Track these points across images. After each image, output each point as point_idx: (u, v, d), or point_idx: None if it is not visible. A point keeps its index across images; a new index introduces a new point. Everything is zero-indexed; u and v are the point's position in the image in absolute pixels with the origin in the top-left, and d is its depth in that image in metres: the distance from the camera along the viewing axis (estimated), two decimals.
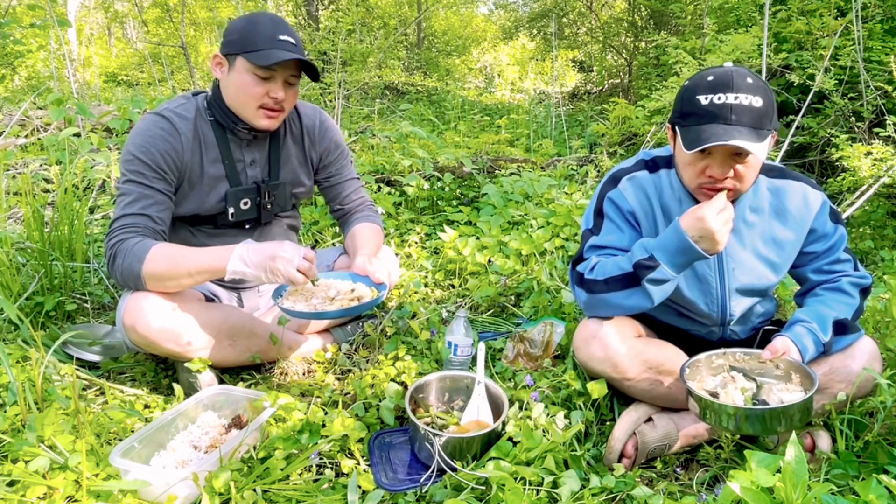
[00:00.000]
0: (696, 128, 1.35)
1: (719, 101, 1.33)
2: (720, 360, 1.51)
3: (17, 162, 3.67)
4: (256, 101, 1.72)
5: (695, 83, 1.39)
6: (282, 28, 1.71)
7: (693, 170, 1.41)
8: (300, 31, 8.78)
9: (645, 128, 4.70)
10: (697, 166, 1.40)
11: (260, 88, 1.71)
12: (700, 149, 1.32)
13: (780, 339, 1.44)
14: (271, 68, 1.68)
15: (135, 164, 1.69)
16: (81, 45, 10.03)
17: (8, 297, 2.08)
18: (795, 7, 4.08)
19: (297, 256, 1.56)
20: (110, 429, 1.53)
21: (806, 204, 1.53)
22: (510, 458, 1.40)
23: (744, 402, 1.37)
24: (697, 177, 1.41)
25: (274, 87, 1.72)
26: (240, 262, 1.58)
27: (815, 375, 1.36)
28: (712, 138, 1.30)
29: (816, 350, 1.45)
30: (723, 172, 1.37)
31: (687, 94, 1.39)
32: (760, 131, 1.33)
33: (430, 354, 2.00)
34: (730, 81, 1.33)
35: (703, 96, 1.34)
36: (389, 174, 3.75)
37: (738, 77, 1.34)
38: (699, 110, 1.34)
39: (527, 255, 2.76)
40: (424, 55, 11.45)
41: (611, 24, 9.79)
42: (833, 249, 1.57)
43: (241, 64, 1.70)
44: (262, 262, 1.57)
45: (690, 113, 1.37)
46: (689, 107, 1.37)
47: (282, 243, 1.59)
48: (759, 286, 1.57)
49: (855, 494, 1.14)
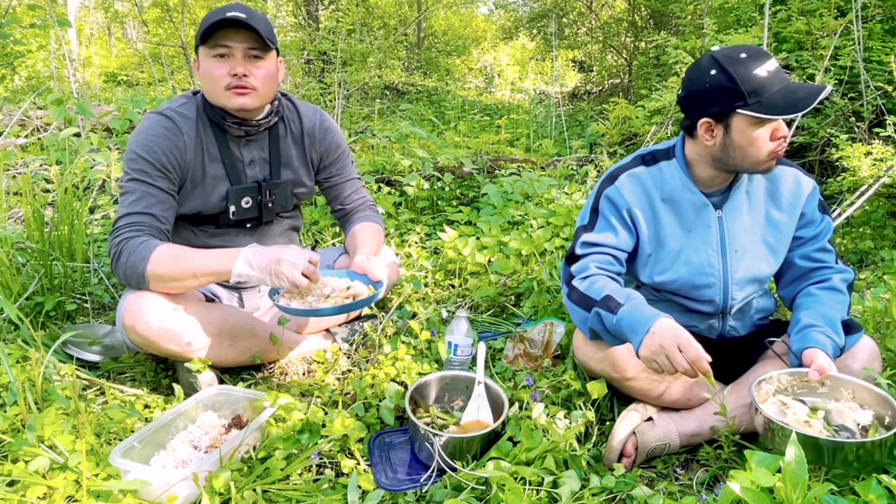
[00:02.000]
0: (772, 95, 1.38)
1: (774, 68, 1.40)
2: (767, 386, 1.42)
3: (17, 162, 3.67)
4: (221, 81, 1.72)
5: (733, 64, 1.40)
6: (233, 7, 1.70)
7: (765, 140, 1.43)
8: (300, 31, 8.78)
9: (645, 128, 4.70)
10: (769, 134, 1.42)
11: (220, 69, 1.71)
12: (807, 110, 1.36)
13: (819, 356, 1.38)
14: (221, 44, 1.68)
15: (138, 163, 1.69)
16: (81, 45, 10.03)
17: (8, 297, 2.08)
18: (795, 7, 4.08)
19: (302, 260, 1.57)
20: (110, 429, 1.53)
21: (798, 186, 1.58)
22: (510, 458, 1.40)
23: (823, 431, 1.28)
24: (770, 144, 1.44)
25: (233, 63, 1.71)
26: (245, 265, 1.59)
27: (891, 399, 1.29)
28: (810, 93, 1.37)
29: (835, 356, 1.43)
30: (787, 129, 1.44)
31: (740, 75, 1.39)
32: None
33: (430, 354, 2.00)
34: (759, 50, 1.42)
35: (759, 68, 1.39)
36: (389, 174, 3.75)
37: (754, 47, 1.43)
38: (765, 81, 1.39)
39: (527, 255, 2.76)
40: (424, 55, 11.45)
41: (611, 24, 9.79)
42: (819, 237, 1.61)
43: (201, 53, 1.73)
44: (267, 265, 1.57)
45: (756, 88, 1.38)
46: (749, 84, 1.38)
47: (286, 247, 1.60)
48: (759, 272, 1.59)
49: (855, 494, 1.14)
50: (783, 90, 1.38)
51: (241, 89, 1.73)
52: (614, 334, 1.42)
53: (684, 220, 1.58)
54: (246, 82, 1.72)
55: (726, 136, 1.46)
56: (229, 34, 1.68)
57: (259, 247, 1.63)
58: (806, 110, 1.35)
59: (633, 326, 1.36)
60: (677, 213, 1.58)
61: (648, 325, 1.32)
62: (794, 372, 1.42)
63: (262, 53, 1.75)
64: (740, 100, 1.39)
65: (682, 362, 1.26)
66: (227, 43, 1.69)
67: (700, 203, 1.56)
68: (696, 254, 1.57)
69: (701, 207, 1.56)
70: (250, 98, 1.74)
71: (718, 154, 1.49)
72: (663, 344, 1.28)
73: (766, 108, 1.38)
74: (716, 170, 1.53)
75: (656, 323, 1.32)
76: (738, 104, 1.40)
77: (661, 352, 1.29)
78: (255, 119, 1.82)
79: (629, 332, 1.37)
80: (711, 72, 1.42)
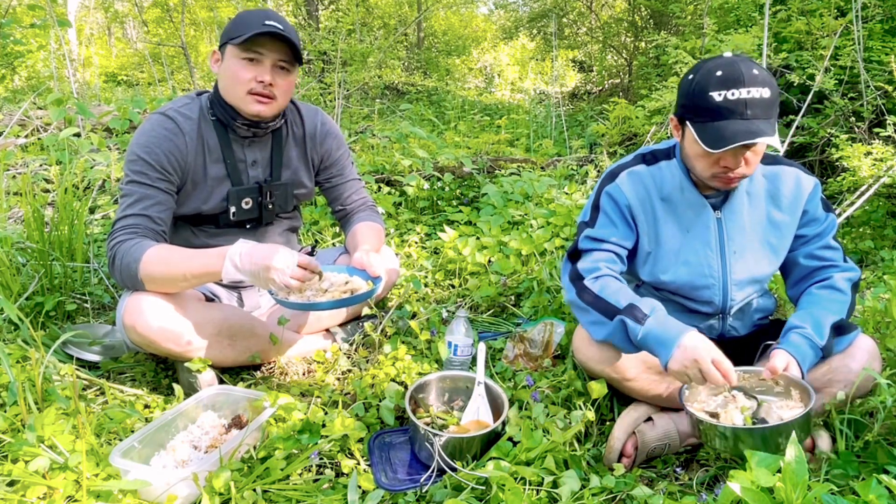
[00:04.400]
0: (713, 125, 1.36)
1: (734, 98, 1.34)
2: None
3: (17, 162, 3.67)
4: (245, 85, 1.72)
5: (704, 78, 1.38)
6: (271, 16, 1.72)
7: (706, 161, 1.43)
8: (300, 31, 8.77)
9: (645, 128, 4.70)
10: (711, 158, 1.42)
11: (247, 73, 1.71)
12: (728, 148, 1.33)
13: (779, 356, 1.41)
14: (255, 50, 1.69)
15: (138, 165, 1.69)
16: (81, 45, 10.02)
17: (8, 297, 2.08)
18: (795, 7, 4.08)
19: (289, 266, 1.53)
20: (110, 429, 1.53)
21: (799, 186, 1.57)
22: (510, 458, 1.40)
23: (743, 422, 1.35)
24: (711, 167, 1.44)
25: (261, 70, 1.72)
26: (232, 269, 1.56)
27: (812, 392, 1.34)
28: (737, 137, 1.32)
29: (815, 356, 1.44)
30: (737, 163, 1.40)
31: (696, 88, 1.39)
32: (771, 121, 1.36)
33: (430, 354, 2.00)
34: (740, 76, 1.34)
35: (717, 93, 1.35)
36: (389, 174, 3.75)
37: (746, 69, 1.35)
38: (714, 107, 1.35)
39: (527, 255, 2.76)
40: (424, 55, 11.45)
41: (611, 24, 9.79)
42: (823, 235, 1.60)
43: (230, 51, 1.72)
44: (254, 270, 1.54)
45: (704, 109, 1.37)
46: (701, 103, 1.37)
47: (274, 251, 1.54)
48: (759, 273, 1.59)
49: (855, 494, 1.14)
50: (726, 123, 1.34)
51: (263, 97, 1.74)
52: (637, 345, 1.42)
53: (682, 219, 1.58)
54: (269, 91, 1.74)
55: (682, 141, 1.51)
56: (265, 41, 1.70)
57: (246, 245, 1.58)
58: (721, 149, 1.33)
59: (661, 341, 1.36)
60: (676, 213, 1.58)
61: (678, 340, 1.34)
62: (750, 369, 1.47)
63: (291, 67, 1.78)
64: (690, 112, 1.41)
65: (717, 377, 1.29)
66: (261, 50, 1.70)
67: (698, 203, 1.56)
68: (695, 254, 1.57)
69: (699, 208, 1.56)
70: (268, 107, 1.77)
71: (682, 156, 1.54)
72: (698, 359, 1.30)
73: (700, 133, 1.38)
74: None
75: (686, 337, 1.34)
76: (688, 116, 1.42)
77: (694, 366, 1.31)
78: (266, 122, 1.83)
79: (657, 345, 1.37)
80: (689, 76, 1.44)
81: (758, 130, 1.32)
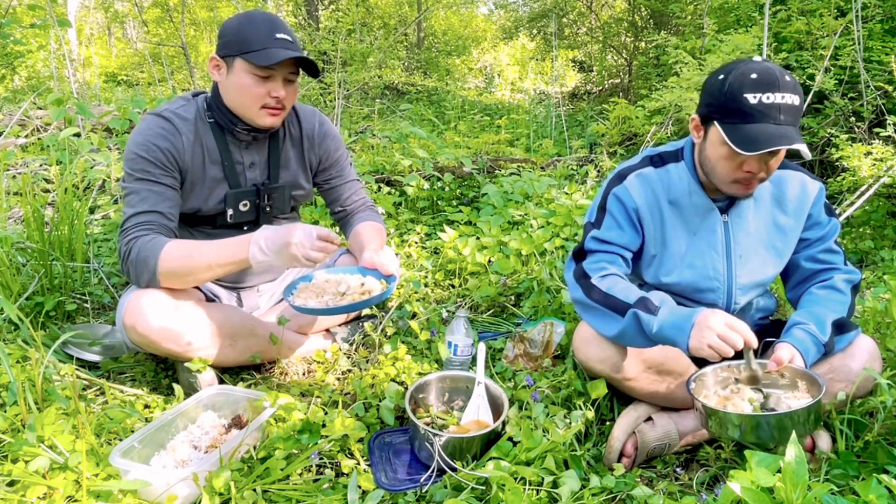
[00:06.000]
0: (745, 126, 1.35)
1: (769, 101, 1.33)
2: (725, 373, 1.47)
3: (17, 162, 3.67)
4: (258, 101, 1.72)
5: (737, 79, 1.36)
6: (278, 26, 1.71)
7: (730, 164, 1.42)
8: (300, 32, 8.78)
9: (645, 128, 4.70)
10: (735, 161, 1.41)
11: (261, 89, 1.71)
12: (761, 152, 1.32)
13: (784, 348, 1.41)
14: (271, 68, 1.68)
15: (139, 163, 1.69)
16: (81, 45, 10.02)
17: (8, 297, 2.08)
18: (795, 7, 4.08)
19: (308, 239, 1.56)
20: (110, 429, 1.53)
21: (804, 190, 1.57)
22: (510, 458, 1.40)
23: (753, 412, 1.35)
24: (734, 171, 1.43)
25: (275, 86, 1.72)
26: (259, 253, 1.59)
27: (822, 381, 1.34)
28: (771, 141, 1.31)
29: (818, 352, 1.45)
30: (760, 168, 1.40)
31: (729, 89, 1.37)
32: (797, 128, 1.36)
33: (430, 354, 2.00)
34: (776, 80, 1.33)
35: (751, 95, 1.34)
36: (389, 174, 3.75)
37: (780, 75, 1.34)
38: (748, 109, 1.34)
39: (527, 255, 2.76)
40: (424, 55, 11.45)
41: (611, 24, 9.79)
42: (825, 238, 1.60)
43: (241, 65, 1.69)
44: (278, 250, 1.57)
45: (736, 111, 1.36)
46: (733, 104, 1.36)
47: (294, 228, 1.57)
48: (763, 276, 1.59)
49: (855, 494, 1.14)
50: (759, 126, 1.33)
51: (275, 110, 1.75)
52: (653, 338, 1.41)
53: (689, 222, 1.57)
54: (281, 103, 1.75)
55: (704, 142, 1.49)
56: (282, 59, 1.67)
57: (269, 230, 1.61)
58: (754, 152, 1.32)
59: (676, 325, 1.36)
60: (683, 216, 1.57)
61: (692, 320, 1.34)
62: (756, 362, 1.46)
63: (296, 77, 1.78)
64: (718, 113, 1.40)
65: (737, 339, 1.29)
66: (275, 67, 1.69)
67: (706, 207, 1.56)
68: (701, 257, 1.57)
69: (706, 211, 1.56)
70: (279, 118, 1.78)
71: (700, 158, 1.52)
72: (712, 326, 1.30)
73: (731, 134, 1.37)
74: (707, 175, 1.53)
75: (698, 315, 1.34)
76: (716, 116, 1.41)
77: (711, 335, 1.30)
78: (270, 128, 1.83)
79: (674, 331, 1.37)
80: (720, 76, 1.42)
81: (790, 136, 1.32)
